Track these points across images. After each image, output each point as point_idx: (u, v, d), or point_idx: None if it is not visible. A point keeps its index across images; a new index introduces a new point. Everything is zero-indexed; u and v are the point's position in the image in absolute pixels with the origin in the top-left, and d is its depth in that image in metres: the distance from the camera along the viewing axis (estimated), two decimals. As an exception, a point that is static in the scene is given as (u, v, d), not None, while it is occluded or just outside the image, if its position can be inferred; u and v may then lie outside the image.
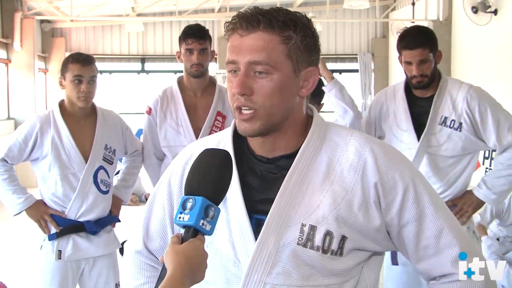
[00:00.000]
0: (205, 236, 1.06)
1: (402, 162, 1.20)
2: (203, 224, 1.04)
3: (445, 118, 2.55)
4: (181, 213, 1.05)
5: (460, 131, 2.53)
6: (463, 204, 2.60)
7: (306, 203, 1.15)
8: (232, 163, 1.12)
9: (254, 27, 1.12)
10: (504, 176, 2.56)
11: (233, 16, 1.16)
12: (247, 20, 1.13)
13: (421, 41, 2.52)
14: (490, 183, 2.58)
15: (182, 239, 1.05)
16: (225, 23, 1.17)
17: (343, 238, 1.14)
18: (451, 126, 2.54)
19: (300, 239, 1.13)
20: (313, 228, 1.13)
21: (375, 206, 1.16)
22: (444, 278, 1.20)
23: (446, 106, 2.55)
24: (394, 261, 2.62)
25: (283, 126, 1.18)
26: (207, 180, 1.07)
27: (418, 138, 2.59)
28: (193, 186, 1.07)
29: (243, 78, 1.13)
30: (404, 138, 2.65)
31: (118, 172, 3.06)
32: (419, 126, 2.60)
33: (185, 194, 1.06)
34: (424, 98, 2.61)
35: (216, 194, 1.06)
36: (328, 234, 1.13)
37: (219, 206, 1.07)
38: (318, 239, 1.13)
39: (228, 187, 1.10)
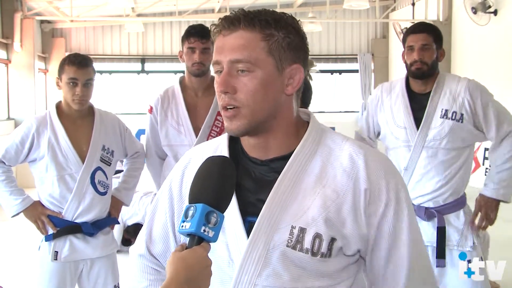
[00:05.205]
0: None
1: (391, 174, 1.19)
2: (204, 230, 1.04)
3: (446, 110, 2.58)
4: (183, 221, 1.05)
5: (462, 122, 2.57)
6: (485, 213, 2.61)
7: (297, 206, 1.15)
8: (234, 168, 1.13)
9: (235, 26, 1.14)
10: (507, 169, 2.59)
11: (218, 18, 1.18)
12: (229, 20, 1.15)
13: (427, 28, 2.66)
14: (496, 178, 2.60)
15: (186, 248, 1.05)
16: (211, 25, 1.19)
17: (332, 240, 1.14)
18: (453, 118, 2.57)
19: (289, 241, 1.14)
20: (302, 231, 1.14)
21: (364, 213, 1.15)
22: None
23: (446, 99, 2.59)
24: (441, 263, 2.54)
25: (272, 126, 1.18)
26: (207, 186, 1.08)
27: None
28: (194, 194, 1.08)
29: (225, 77, 1.14)
30: (400, 135, 2.66)
31: (117, 172, 3.03)
32: (417, 121, 2.62)
33: (189, 203, 1.07)
34: (423, 94, 2.64)
35: (218, 200, 1.07)
36: (317, 236, 1.13)
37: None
38: (307, 242, 1.13)
39: (232, 192, 1.11)
